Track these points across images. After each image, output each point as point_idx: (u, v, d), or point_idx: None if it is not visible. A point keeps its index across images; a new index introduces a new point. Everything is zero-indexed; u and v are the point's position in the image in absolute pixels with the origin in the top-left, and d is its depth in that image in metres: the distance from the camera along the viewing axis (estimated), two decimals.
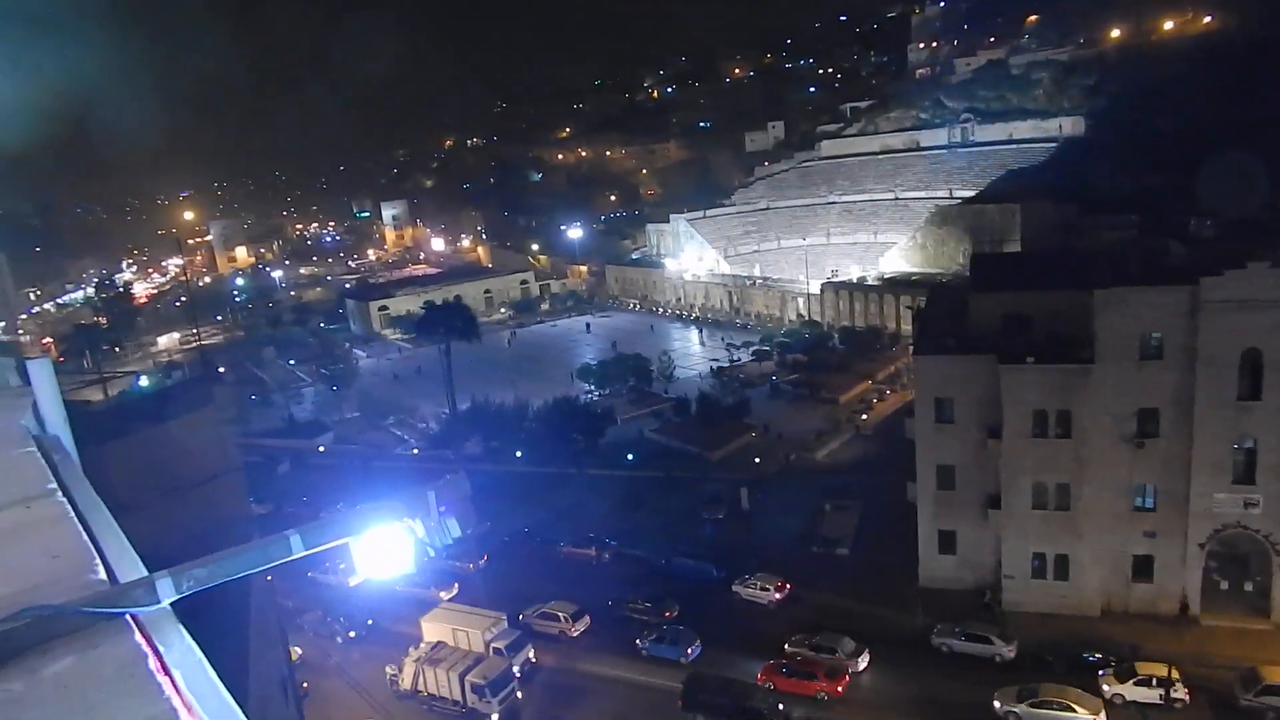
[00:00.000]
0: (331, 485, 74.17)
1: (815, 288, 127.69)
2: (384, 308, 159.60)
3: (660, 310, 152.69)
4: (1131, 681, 38.65)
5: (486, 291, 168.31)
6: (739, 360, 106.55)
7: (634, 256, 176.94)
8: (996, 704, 38.65)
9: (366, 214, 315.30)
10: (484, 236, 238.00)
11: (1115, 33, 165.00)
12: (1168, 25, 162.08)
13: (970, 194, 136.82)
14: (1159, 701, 37.56)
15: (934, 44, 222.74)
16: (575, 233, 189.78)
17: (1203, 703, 37.92)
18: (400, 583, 50.74)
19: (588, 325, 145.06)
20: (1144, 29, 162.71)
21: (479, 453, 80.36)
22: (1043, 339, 44.73)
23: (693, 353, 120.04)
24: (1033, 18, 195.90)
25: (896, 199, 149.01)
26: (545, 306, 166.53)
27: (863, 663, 43.36)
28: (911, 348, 61.21)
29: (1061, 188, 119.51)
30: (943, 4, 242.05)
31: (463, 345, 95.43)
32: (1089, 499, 44.21)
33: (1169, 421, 42.32)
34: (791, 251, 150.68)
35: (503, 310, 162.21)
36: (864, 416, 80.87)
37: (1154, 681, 37.96)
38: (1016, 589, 46.34)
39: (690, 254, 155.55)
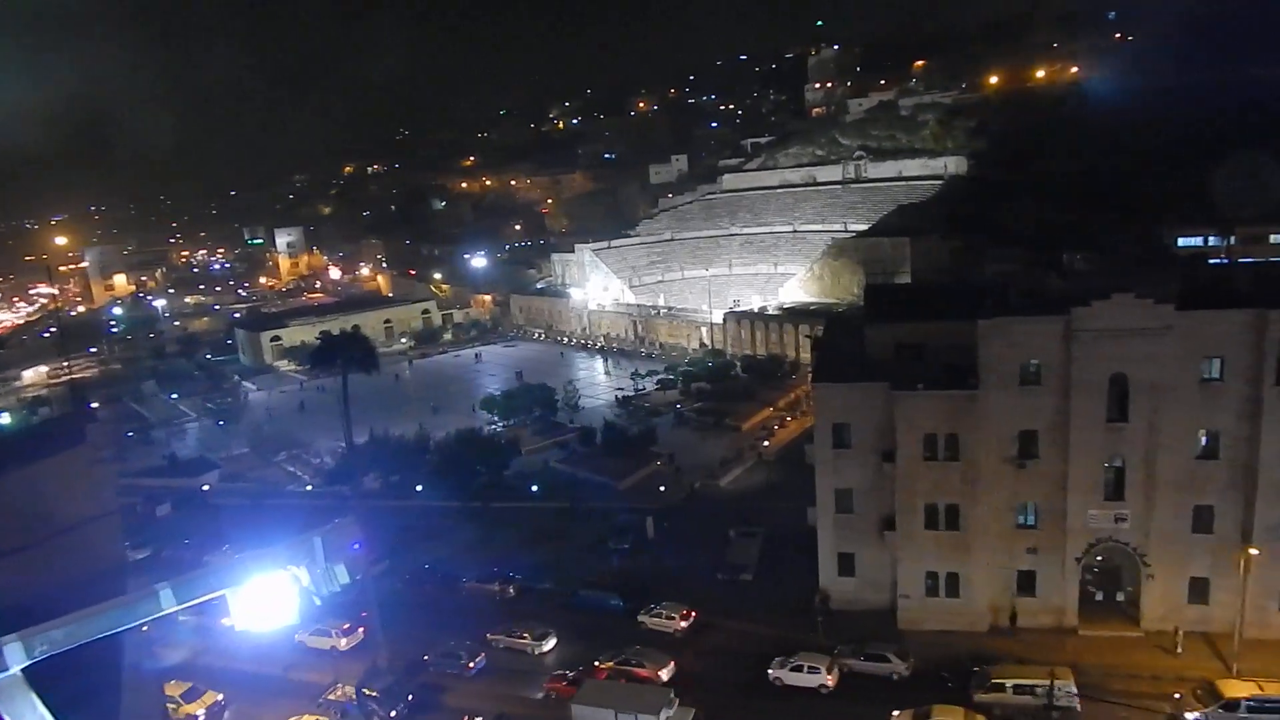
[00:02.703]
0: (218, 526, 70.22)
1: (718, 317, 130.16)
2: (277, 338, 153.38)
3: (566, 340, 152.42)
4: (1003, 691, 40.05)
5: (387, 321, 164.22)
6: (644, 389, 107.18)
7: (539, 286, 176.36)
8: None
9: (260, 241, 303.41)
10: (385, 265, 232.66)
11: (994, 79, 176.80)
12: (1040, 74, 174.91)
13: (864, 228, 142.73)
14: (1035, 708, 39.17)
15: (829, 84, 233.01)
16: (480, 262, 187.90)
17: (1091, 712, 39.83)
18: (296, 630, 48.26)
19: (477, 355, 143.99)
20: (1020, 76, 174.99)
21: (378, 488, 77.78)
22: (933, 366, 46.88)
23: (598, 382, 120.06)
24: (920, 63, 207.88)
25: (795, 231, 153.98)
26: (448, 336, 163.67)
27: (665, 674, 44.82)
28: (811, 376, 63.01)
29: (948, 223, 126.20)
30: (837, 47, 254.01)
31: (361, 377, 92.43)
32: (977, 519, 46.28)
33: (1047, 443, 44.91)
34: (695, 281, 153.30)
35: (403, 340, 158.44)
36: (766, 443, 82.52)
37: (1024, 690, 39.52)
38: (912, 608, 47.90)
39: (595, 284, 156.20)
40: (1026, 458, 45.20)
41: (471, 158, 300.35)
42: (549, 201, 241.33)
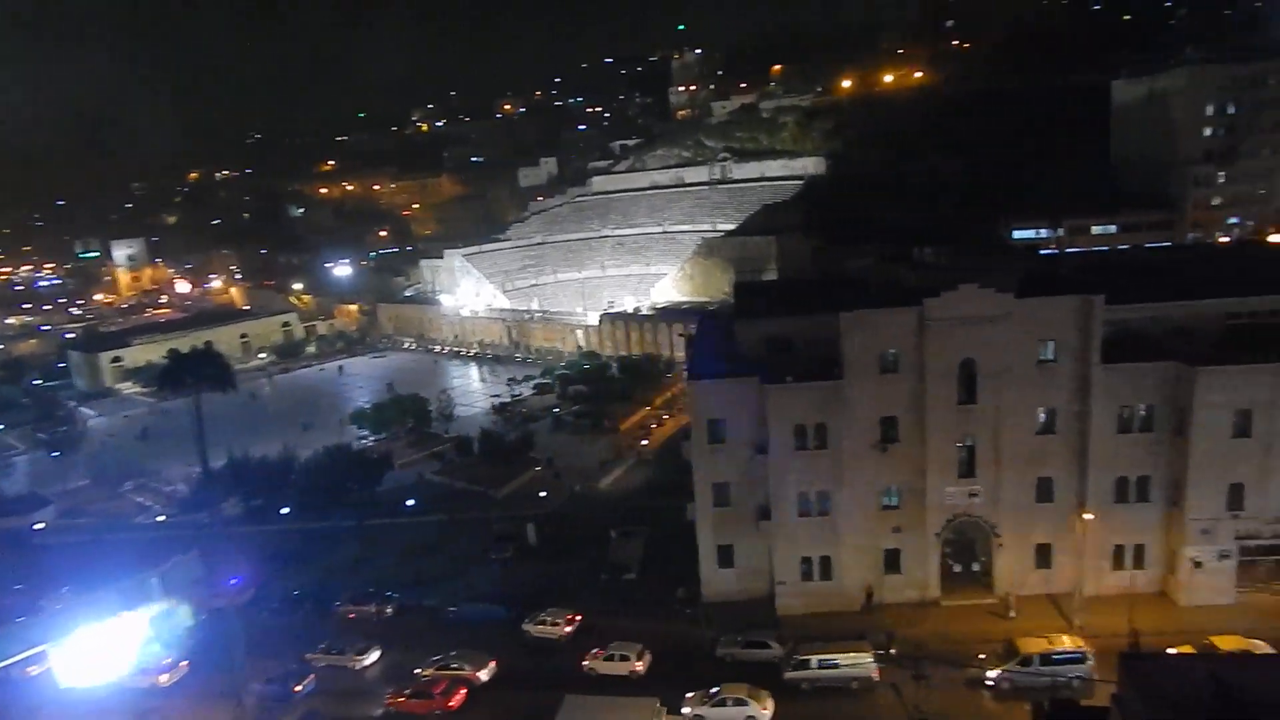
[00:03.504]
0: (55, 568, 63.85)
1: (594, 319, 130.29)
2: (118, 359, 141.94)
3: (438, 348, 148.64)
4: (809, 668, 41.67)
5: (243, 336, 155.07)
6: (521, 395, 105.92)
7: (408, 293, 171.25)
8: (685, 710, 40.73)
9: (95, 254, 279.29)
10: (239, 276, 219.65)
11: (847, 83, 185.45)
12: (888, 78, 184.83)
13: (732, 227, 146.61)
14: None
15: (693, 88, 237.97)
16: (343, 270, 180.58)
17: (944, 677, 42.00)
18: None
19: (340, 368, 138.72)
20: (870, 81, 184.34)
21: (239, 514, 73.23)
22: (801, 359, 48.48)
23: (473, 390, 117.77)
24: (778, 67, 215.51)
25: (666, 232, 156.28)
26: (312, 349, 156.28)
27: (485, 674, 45.57)
28: (685, 373, 63.88)
29: (809, 221, 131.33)
30: (699, 52, 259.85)
31: (217, 397, 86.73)
32: (846, 503, 48.23)
33: (906, 427, 47.31)
34: (569, 284, 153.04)
35: (262, 356, 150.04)
36: (645, 442, 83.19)
37: (828, 664, 41.29)
38: (789, 594, 49.36)
39: (467, 289, 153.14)
40: (888, 442, 47.44)
41: (330, 162, 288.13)
42: (415, 206, 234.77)
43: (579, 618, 50.88)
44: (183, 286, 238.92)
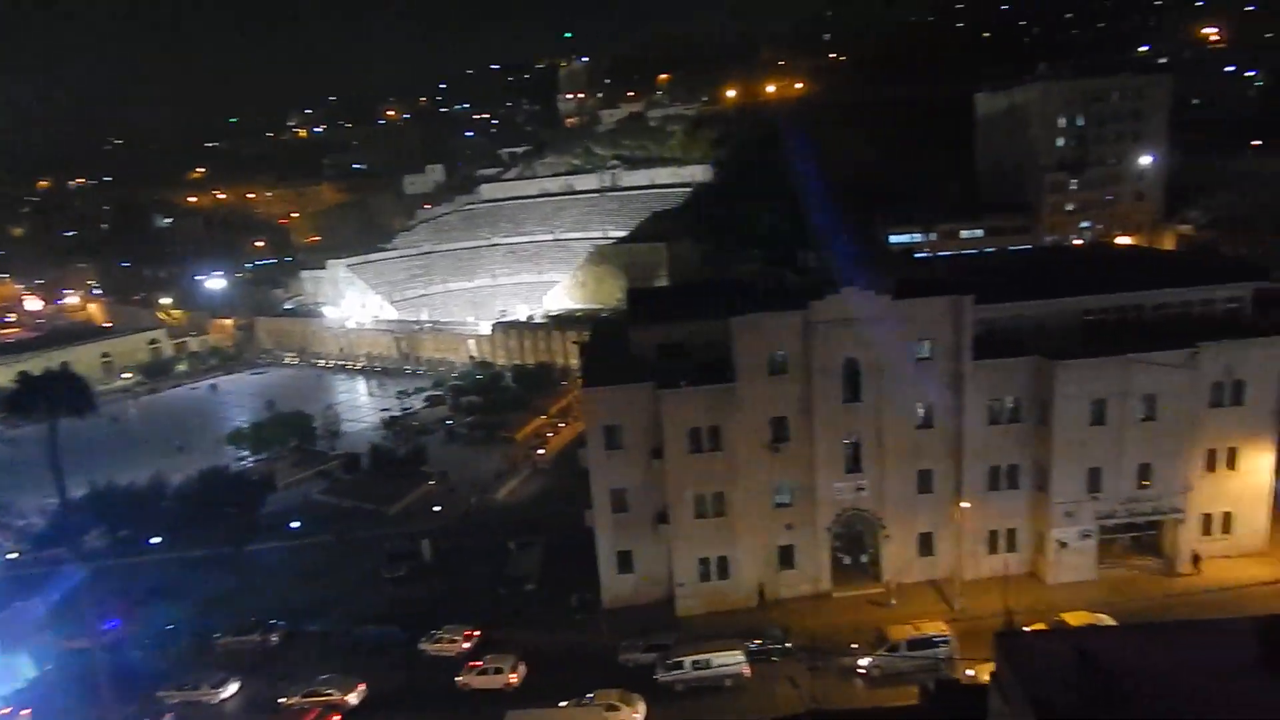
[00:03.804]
0: None
1: (486, 329, 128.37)
2: None
3: (323, 362, 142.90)
4: (682, 669, 42.27)
5: (105, 355, 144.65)
6: (412, 408, 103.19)
7: (289, 306, 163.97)
8: None
9: None
10: (97, 291, 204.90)
11: (732, 93, 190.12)
12: (771, 89, 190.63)
13: (623, 234, 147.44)
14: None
15: (581, 95, 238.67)
16: (217, 283, 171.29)
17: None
18: None
19: (213, 386, 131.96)
20: (753, 91, 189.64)
21: (104, 546, 68.09)
22: (694, 364, 49.21)
23: (361, 404, 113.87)
24: (664, 76, 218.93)
25: (557, 240, 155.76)
26: (183, 367, 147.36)
27: (354, 698, 44.93)
28: (580, 381, 63.73)
29: (698, 227, 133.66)
30: (586, 60, 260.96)
31: (76, 422, 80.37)
32: (741, 503, 49.25)
33: (796, 426, 48.74)
34: (459, 294, 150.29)
35: (127, 376, 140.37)
36: (541, 451, 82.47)
37: (701, 665, 42.06)
38: (688, 595, 49.96)
39: (352, 301, 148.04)
40: (779, 441, 48.74)
41: (200, 169, 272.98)
42: (294, 215, 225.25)
43: (478, 633, 49.90)
44: (33, 304, 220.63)
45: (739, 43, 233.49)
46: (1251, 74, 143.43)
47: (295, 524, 68.80)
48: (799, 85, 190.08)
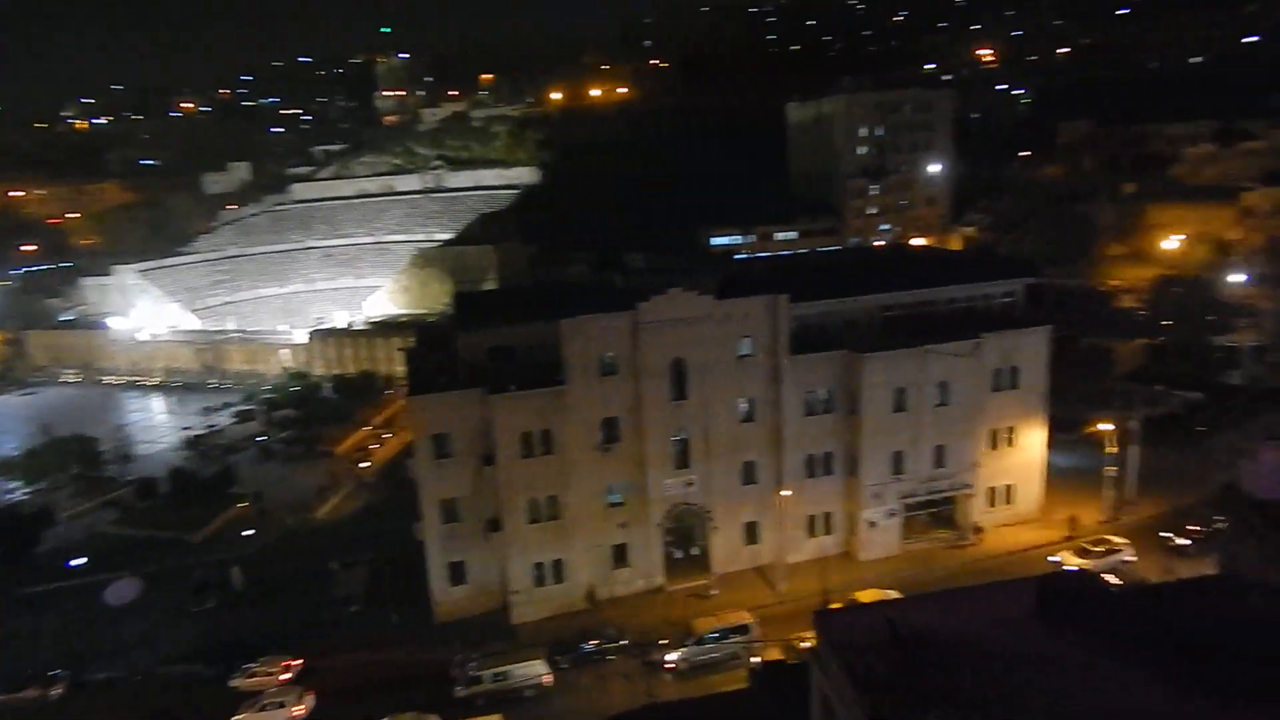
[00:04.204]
0: None
1: (302, 337, 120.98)
2: None
3: (111, 379, 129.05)
4: (482, 684, 41.81)
5: None
6: (217, 425, 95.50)
7: (68, 317, 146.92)
8: None
9: None
10: None
11: (557, 95, 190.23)
12: (595, 92, 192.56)
13: (449, 237, 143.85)
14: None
15: (401, 93, 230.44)
16: None
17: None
18: None
19: None
20: (578, 94, 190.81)
21: None
22: (525, 368, 48.59)
23: (158, 424, 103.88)
24: (488, 76, 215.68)
25: (378, 243, 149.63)
26: None
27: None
28: (406, 389, 61.28)
29: (526, 230, 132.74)
30: (406, 56, 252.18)
31: None
32: (574, 505, 49.18)
33: (627, 426, 49.32)
34: (271, 300, 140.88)
35: None
36: (365, 465, 78.69)
37: (501, 677, 41.72)
38: (523, 601, 49.28)
39: (145, 311, 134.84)
40: (611, 442, 49.15)
41: None
42: (72, 216, 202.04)
43: (299, 662, 46.64)
44: None
45: (561, 45, 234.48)
46: (1020, 92, 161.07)
47: (80, 560, 61.48)
48: (622, 90, 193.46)
